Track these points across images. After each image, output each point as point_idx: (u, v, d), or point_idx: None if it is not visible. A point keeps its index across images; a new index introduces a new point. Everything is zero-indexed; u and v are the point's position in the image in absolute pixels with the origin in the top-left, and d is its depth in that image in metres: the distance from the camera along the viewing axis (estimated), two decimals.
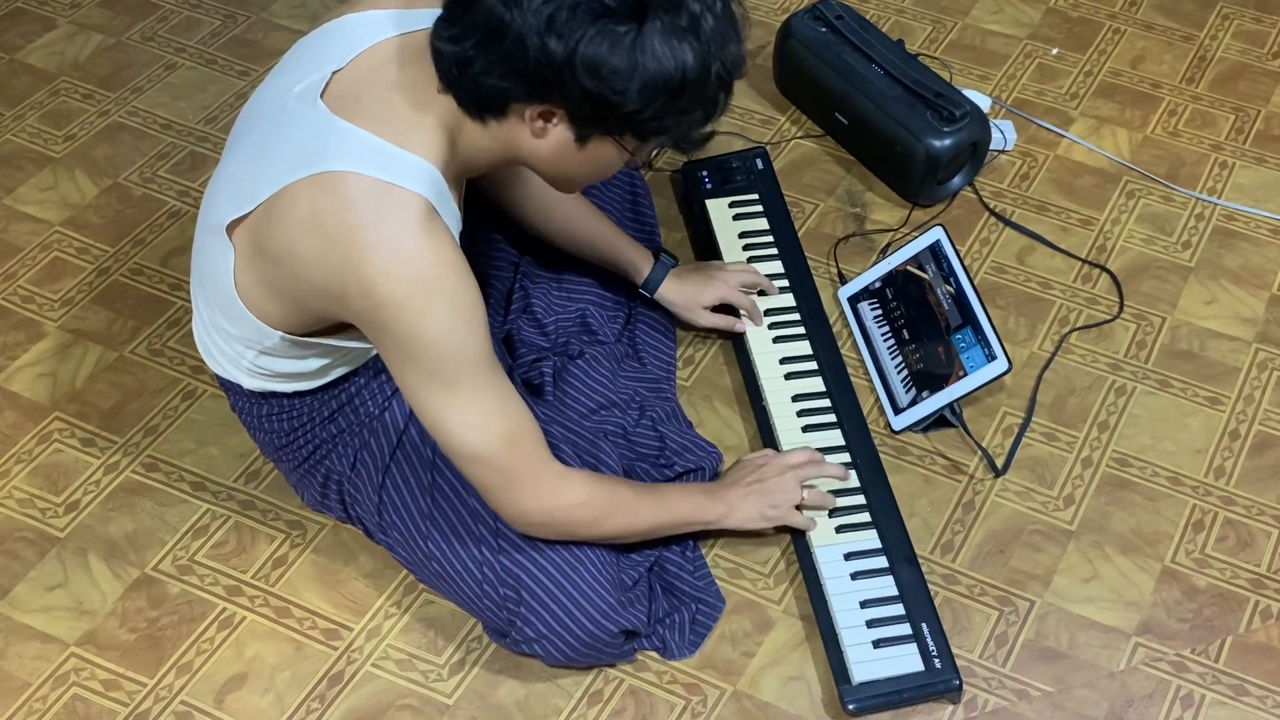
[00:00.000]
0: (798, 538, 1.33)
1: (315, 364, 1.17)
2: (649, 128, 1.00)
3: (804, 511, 1.31)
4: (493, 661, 1.26)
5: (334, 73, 1.06)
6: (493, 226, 1.47)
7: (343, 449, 1.24)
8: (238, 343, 1.15)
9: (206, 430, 1.44)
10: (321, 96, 1.04)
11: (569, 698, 1.24)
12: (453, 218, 1.08)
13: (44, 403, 1.47)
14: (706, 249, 1.61)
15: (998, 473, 1.42)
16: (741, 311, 1.49)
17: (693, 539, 1.32)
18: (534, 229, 1.43)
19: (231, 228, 1.08)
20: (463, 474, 1.12)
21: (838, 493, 1.35)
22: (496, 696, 1.24)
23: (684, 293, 1.46)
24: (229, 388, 1.27)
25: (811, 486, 1.32)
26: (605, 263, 1.46)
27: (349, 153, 1.01)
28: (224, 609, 1.30)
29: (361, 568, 1.33)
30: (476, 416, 1.07)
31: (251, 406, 1.25)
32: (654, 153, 1.06)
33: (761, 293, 1.52)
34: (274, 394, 1.21)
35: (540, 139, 1.02)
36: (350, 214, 1.00)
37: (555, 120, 1.01)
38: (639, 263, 1.45)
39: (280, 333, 1.11)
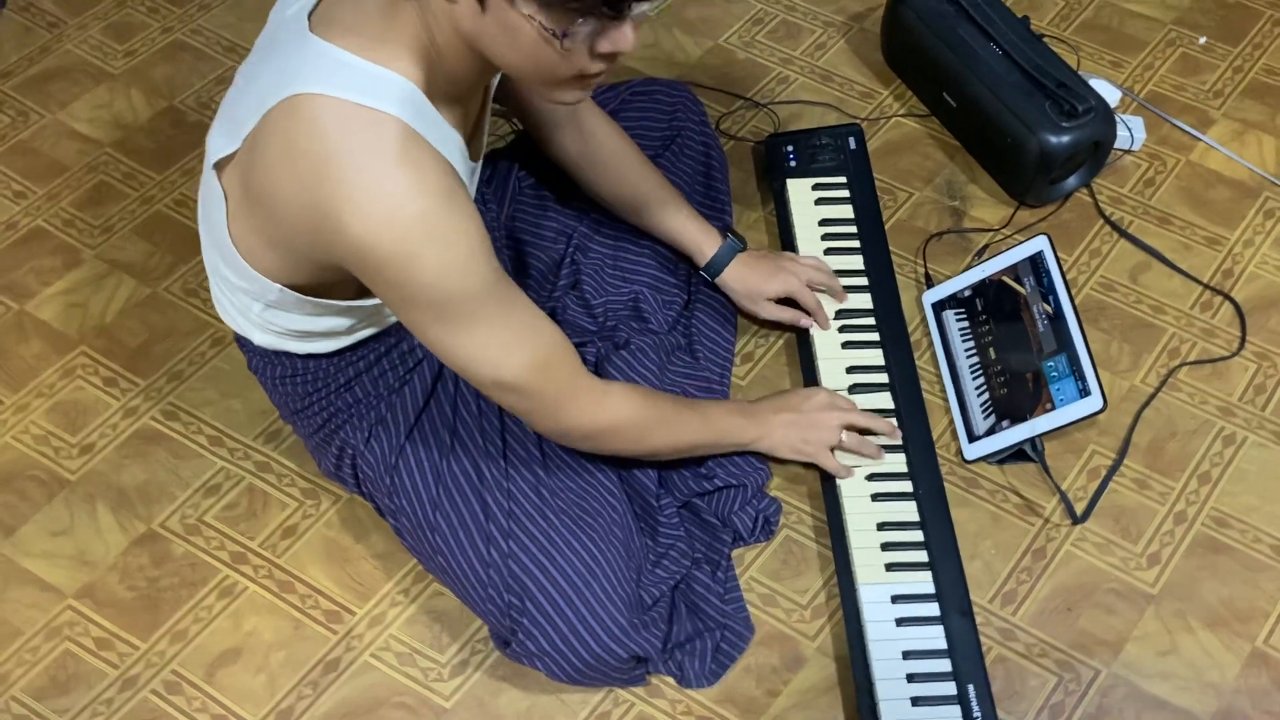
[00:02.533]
0: (842, 568, 1.21)
1: (328, 322, 1.08)
2: None
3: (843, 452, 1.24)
4: (497, 667, 1.18)
5: None
6: (550, 191, 1.36)
7: (358, 420, 1.16)
8: (243, 294, 1.06)
9: (231, 381, 1.36)
10: (311, 15, 0.94)
11: (573, 716, 1.15)
12: (447, 140, 0.97)
13: (72, 334, 1.41)
14: (782, 233, 1.47)
15: (1076, 519, 1.27)
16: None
17: (726, 560, 1.21)
18: (594, 190, 1.32)
19: (221, 167, 0.99)
20: (494, 401, 1.06)
21: (894, 524, 1.22)
22: (496, 705, 1.16)
23: (748, 280, 1.34)
24: (243, 344, 1.19)
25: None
26: (667, 238, 1.34)
27: (318, 72, 0.90)
28: (226, 576, 1.24)
29: (373, 547, 1.25)
30: (496, 350, 0.99)
31: (266, 366, 1.17)
32: (598, 41, 0.87)
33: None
34: (287, 354, 1.13)
35: (454, 3, 0.89)
36: (319, 143, 0.89)
37: None
38: (704, 243, 1.33)
39: (280, 286, 1.02)
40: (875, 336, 1.37)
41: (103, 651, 1.19)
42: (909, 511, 1.24)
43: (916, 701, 1.12)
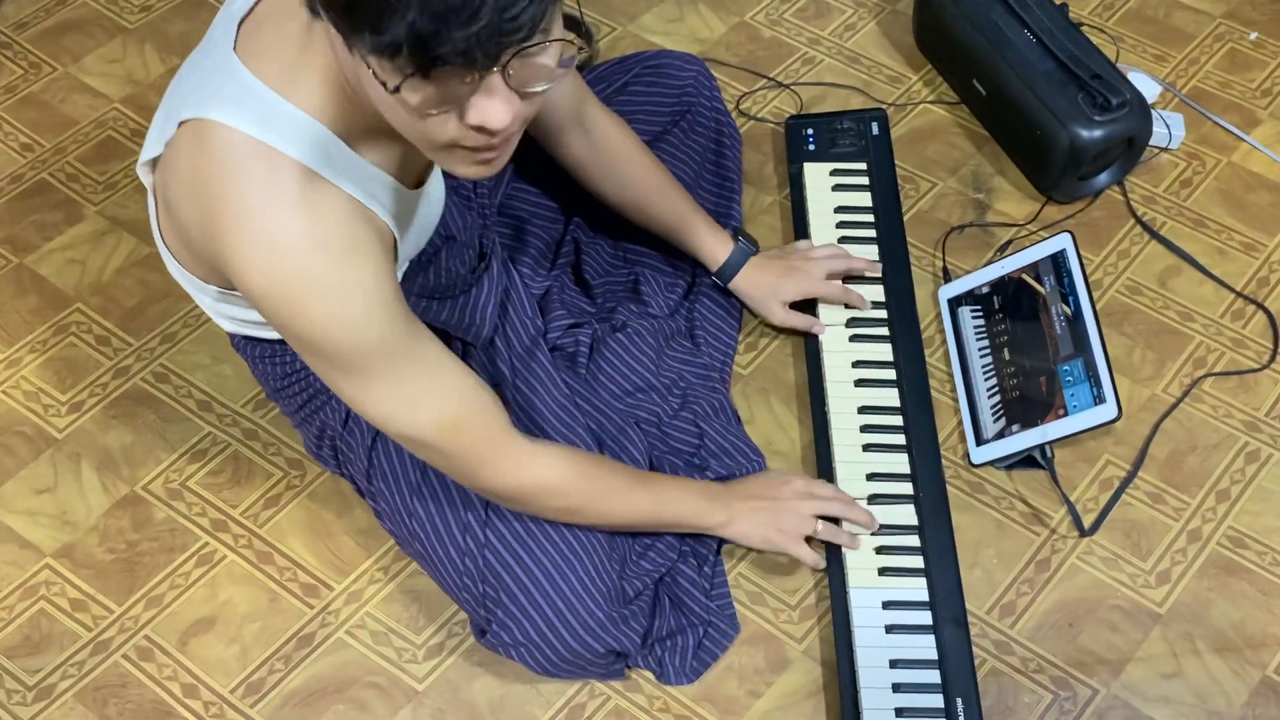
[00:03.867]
0: (833, 570, 1.17)
1: None
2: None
3: (820, 545, 1.16)
4: (472, 652, 1.15)
5: None
6: (554, 167, 1.32)
7: (336, 403, 1.13)
8: (189, 286, 1.03)
9: (224, 346, 1.34)
10: (241, 23, 0.89)
11: (548, 707, 1.12)
12: (367, 180, 0.89)
13: (69, 291, 1.39)
14: (796, 219, 1.42)
15: (1084, 532, 1.22)
16: (821, 313, 1.31)
17: (714, 555, 1.17)
18: (599, 194, 1.26)
19: (151, 167, 0.95)
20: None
21: (892, 528, 1.17)
22: (470, 692, 1.13)
23: (761, 284, 1.29)
24: None
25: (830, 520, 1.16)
26: (674, 241, 1.28)
27: (227, 98, 0.85)
28: (206, 544, 1.22)
29: (355, 522, 1.23)
30: (397, 407, 0.93)
31: (245, 345, 1.14)
32: (436, 103, 0.75)
33: (860, 279, 1.33)
34: (257, 339, 1.10)
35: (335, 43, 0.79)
36: (218, 177, 0.84)
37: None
38: (715, 248, 1.27)
39: (214, 287, 0.99)
40: (885, 331, 1.32)
41: (77, 613, 1.18)
42: (908, 515, 1.19)
43: (901, 713, 1.08)
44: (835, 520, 1.16)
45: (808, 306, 1.32)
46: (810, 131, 1.47)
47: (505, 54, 0.71)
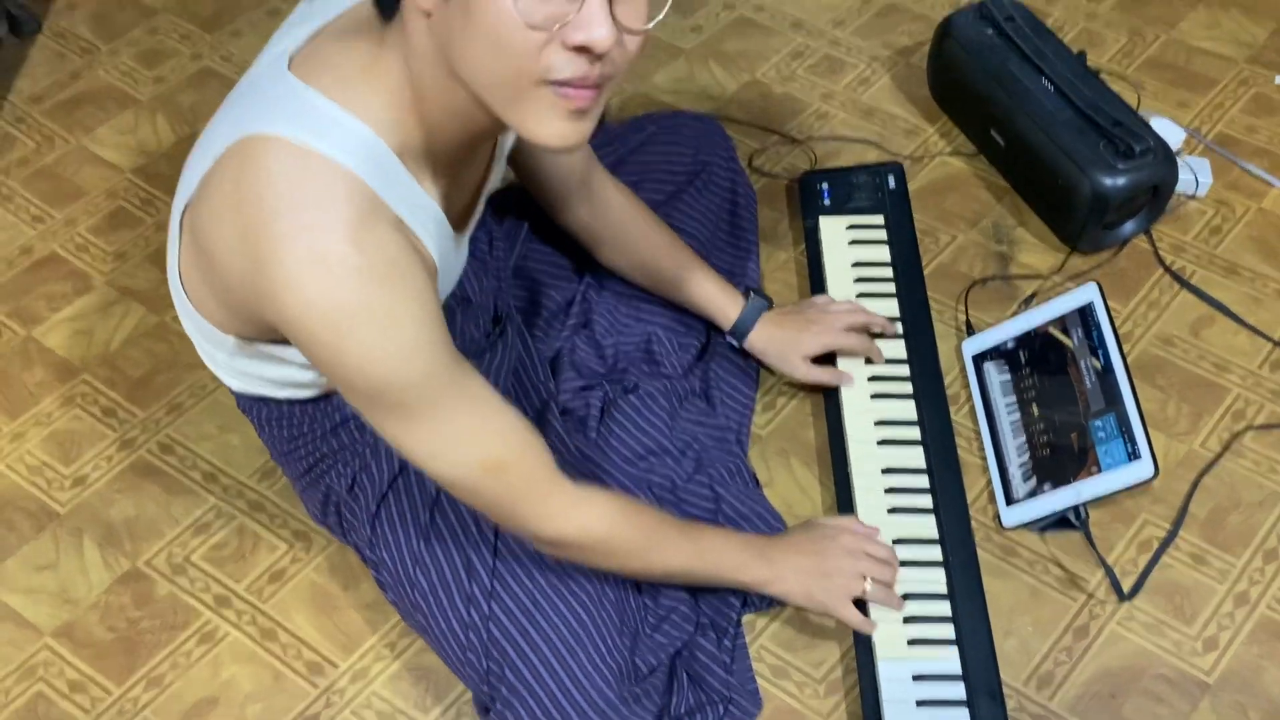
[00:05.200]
0: (860, 642, 1.11)
1: (294, 374, 1.01)
2: None
3: (869, 606, 1.09)
4: None
5: (321, 28, 0.88)
6: (562, 233, 1.29)
7: (342, 467, 1.09)
8: (203, 340, 1.01)
9: (230, 415, 1.31)
10: (298, 52, 0.86)
11: None
12: (418, 208, 0.87)
13: (75, 362, 1.38)
14: (812, 273, 1.39)
15: (1123, 596, 1.16)
16: (844, 364, 1.27)
17: (735, 627, 1.12)
18: (608, 261, 1.24)
19: (186, 210, 0.92)
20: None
21: (920, 596, 1.12)
22: None
23: (778, 340, 1.25)
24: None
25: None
26: (685, 303, 1.26)
27: (281, 110, 0.82)
28: (208, 620, 1.18)
29: (361, 596, 1.18)
30: (442, 446, 0.88)
31: (252, 407, 1.11)
32: (547, 20, 0.75)
33: (879, 337, 1.29)
34: (266, 399, 1.07)
35: (427, 16, 0.78)
36: (265, 192, 0.80)
37: None
38: (727, 306, 1.24)
39: (233, 337, 0.96)
40: (908, 388, 1.27)
41: (75, 695, 1.14)
42: (937, 581, 1.14)
43: None
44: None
45: (826, 363, 1.28)
46: (825, 186, 1.44)
47: None
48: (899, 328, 1.31)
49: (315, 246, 0.79)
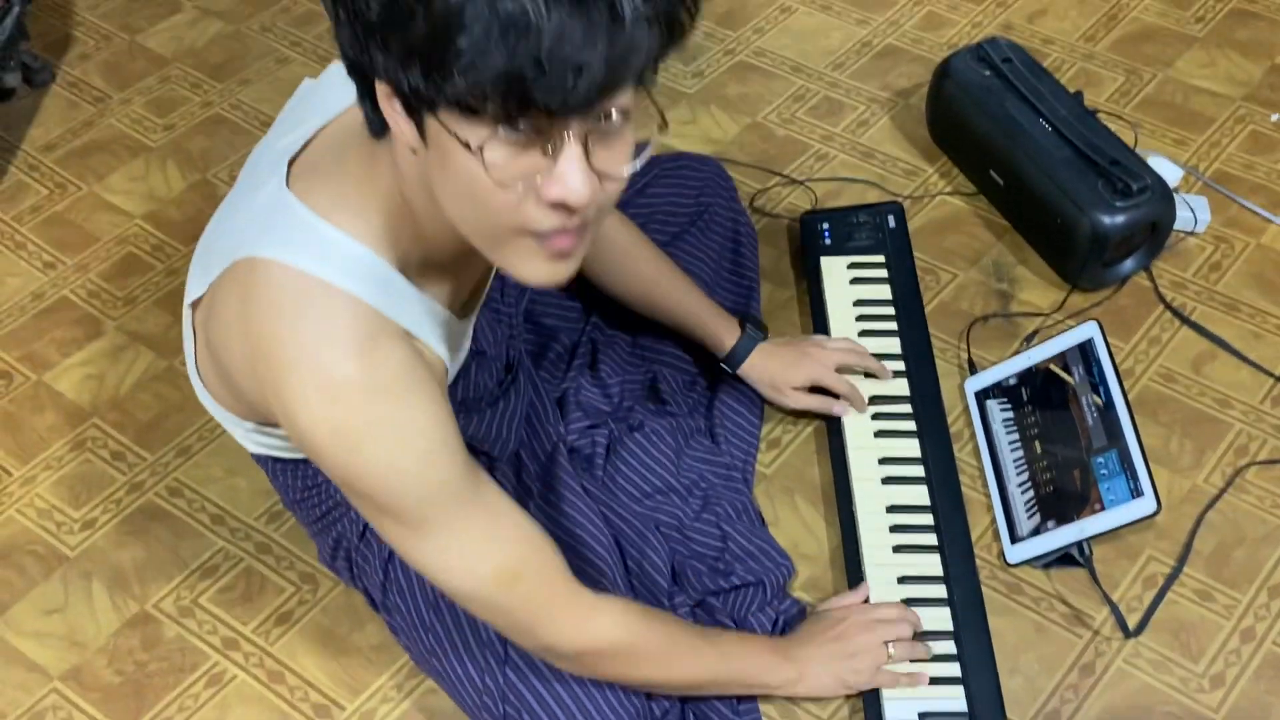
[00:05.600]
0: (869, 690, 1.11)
1: None
2: (424, 66, 0.68)
3: (893, 664, 1.09)
4: None
5: (319, 129, 0.88)
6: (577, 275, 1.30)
7: (355, 515, 1.10)
8: (225, 421, 1.02)
9: (238, 458, 1.32)
10: (293, 160, 0.87)
11: None
12: (423, 314, 0.87)
13: (86, 407, 1.39)
14: (815, 312, 1.40)
15: (1129, 633, 1.16)
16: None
17: None
18: (606, 286, 1.25)
19: (194, 306, 0.93)
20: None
21: (926, 634, 1.12)
22: None
23: (770, 370, 1.26)
24: None
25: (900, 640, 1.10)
26: (684, 330, 1.27)
27: (282, 233, 0.81)
28: (216, 663, 1.18)
29: (368, 638, 1.19)
30: (454, 559, 0.87)
31: (265, 461, 1.12)
32: (519, 175, 0.72)
33: (870, 376, 1.30)
34: (281, 459, 1.08)
35: (413, 153, 0.76)
36: (272, 318, 0.80)
37: (396, 106, 0.73)
38: (723, 334, 1.25)
39: (251, 422, 0.97)
40: (912, 425, 1.28)
41: None
42: (942, 619, 1.14)
43: None
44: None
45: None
46: (826, 226, 1.46)
47: (599, 103, 0.68)
48: (891, 371, 1.31)
49: (320, 371, 0.79)
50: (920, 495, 1.23)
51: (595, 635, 0.94)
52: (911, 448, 1.26)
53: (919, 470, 1.25)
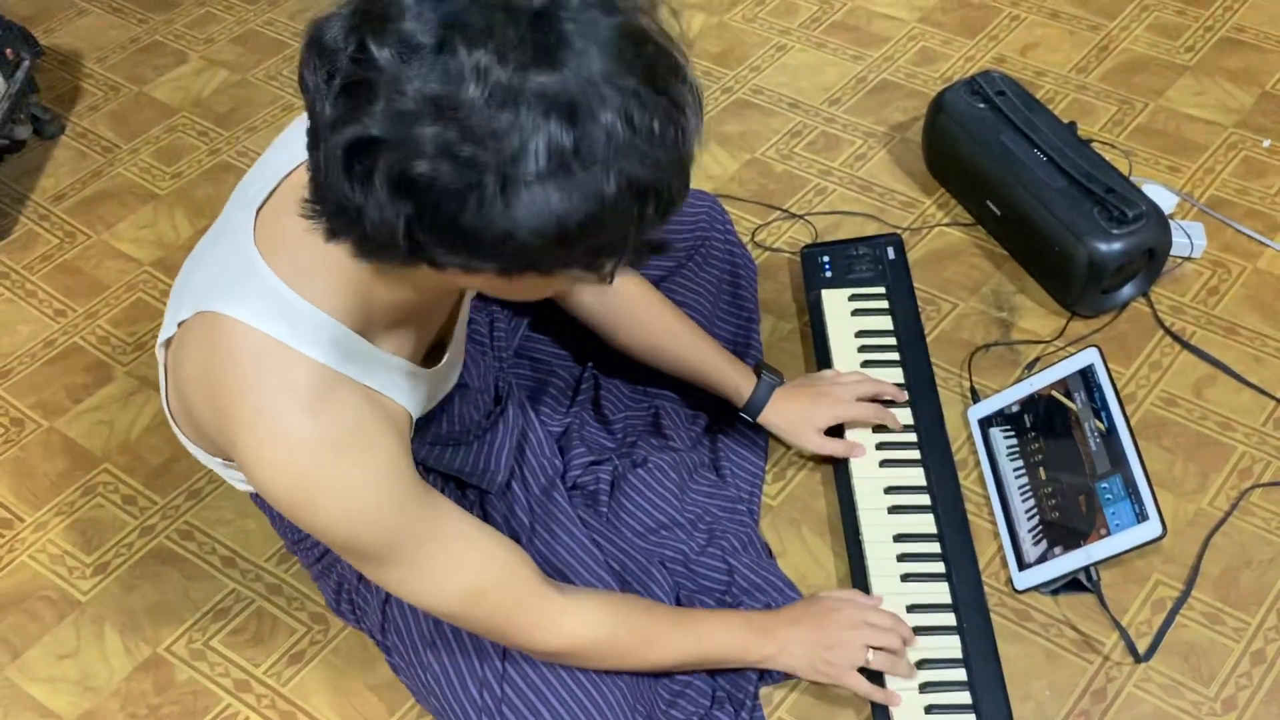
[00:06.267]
0: (877, 709, 1.11)
1: None
2: (569, 268, 0.75)
3: (879, 676, 1.10)
4: None
5: (286, 177, 0.89)
6: (564, 322, 1.31)
7: None
8: (200, 456, 1.03)
9: (248, 501, 1.33)
10: (260, 208, 0.88)
11: None
12: (386, 370, 0.90)
13: (97, 452, 1.40)
14: (817, 345, 1.41)
15: (1139, 658, 1.16)
16: (855, 432, 1.29)
17: (752, 699, 1.12)
18: (618, 343, 1.25)
19: (167, 344, 0.95)
20: None
21: (936, 662, 1.12)
22: None
23: (791, 414, 1.27)
24: None
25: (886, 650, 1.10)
26: (697, 382, 1.27)
27: (244, 293, 0.84)
28: (229, 705, 1.18)
29: (379, 676, 1.19)
30: (420, 586, 0.93)
31: (261, 500, 1.13)
32: (612, 268, 0.77)
33: (890, 403, 1.31)
34: None
35: (465, 276, 0.77)
36: (233, 374, 0.83)
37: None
38: (740, 384, 1.26)
39: (221, 460, 0.99)
40: (916, 455, 1.29)
41: None
42: (952, 647, 1.14)
43: None
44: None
45: (835, 435, 1.30)
46: (826, 259, 1.47)
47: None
48: (905, 395, 1.33)
49: (276, 429, 0.83)
50: (927, 524, 1.23)
51: (566, 637, 0.98)
52: (917, 477, 1.27)
53: (925, 499, 1.25)
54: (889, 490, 1.26)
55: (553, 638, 0.98)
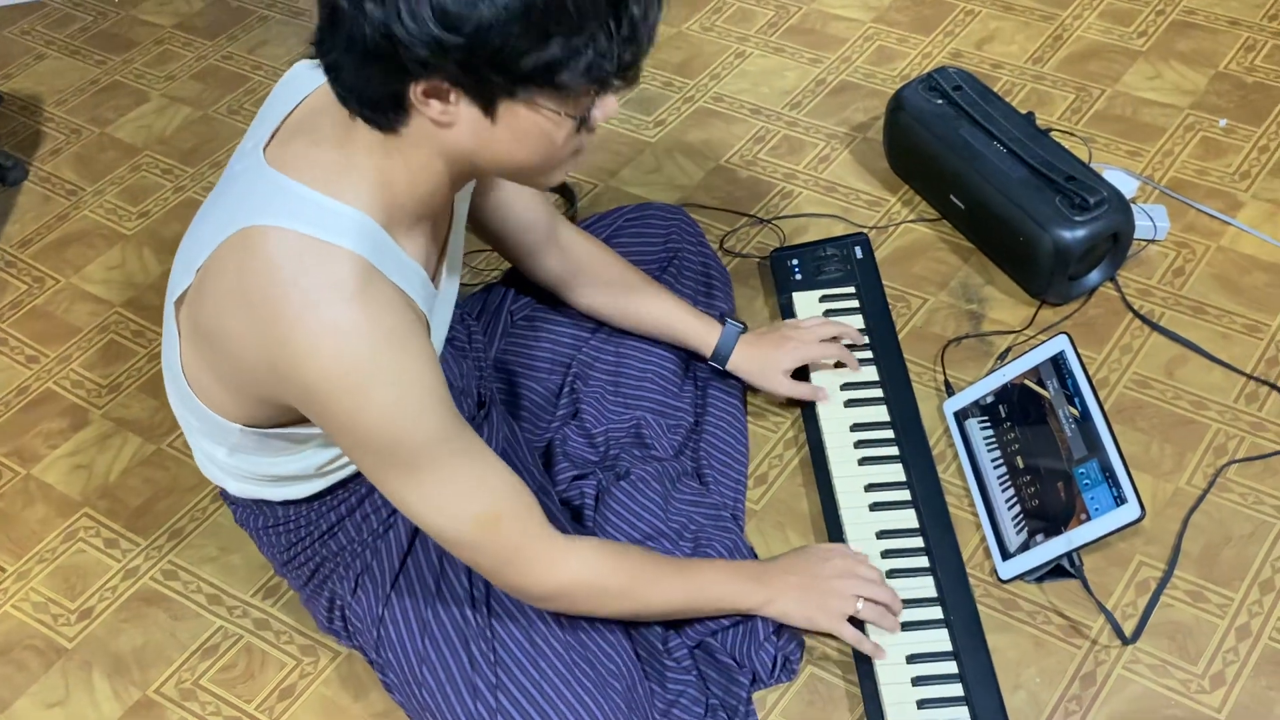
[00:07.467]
0: (870, 707, 1.12)
1: (294, 463, 1.04)
2: (541, 71, 0.80)
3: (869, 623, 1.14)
4: None
5: (283, 120, 0.94)
6: (545, 321, 1.33)
7: (344, 570, 1.11)
8: (205, 438, 1.04)
9: (232, 536, 1.33)
10: (266, 147, 0.93)
11: None
12: (407, 273, 0.93)
13: (75, 497, 1.40)
14: None
15: (1126, 640, 1.17)
16: (821, 381, 1.34)
17: (745, 705, 1.12)
18: (585, 302, 1.31)
19: (179, 304, 0.96)
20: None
21: (926, 655, 1.13)
22: None
23: (758, 358, 1.31)
24: (226, 496, 1.16)
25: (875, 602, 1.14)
26: (667, 332, 1.31)
27: (274, 205, 0.88)
28: None
29: (371, 706, 1.19)
30: (443, 501, 0.94)
31: (249, 517, 1.13)
32: (593, 113, 0.87)
33: (840, 366, 1.36)
34: (266, 502, 1.09)
35: (451, 128, 0.85)
36: (273, 276, 0.86)
37: (451, 99, 0.83)
38: (705, 332, 1.30)
39: (239, 426, 0.99)
40: (895, 450, 1.30)
41: None
42: (941, 640, 1.15)
43: None
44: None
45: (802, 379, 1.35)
46: (795, 262, 1.48)
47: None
48: (862, 336, 1.37)
49: (328, 317, 0.85)
50: (909, 519, 1.24)
51: (569, 574, 1.00)
52: (896, 472, 1.28)
53: (906, 494, 1.26)
54: (869, 488, 1.27)
55: (551, 576, 0.99)
